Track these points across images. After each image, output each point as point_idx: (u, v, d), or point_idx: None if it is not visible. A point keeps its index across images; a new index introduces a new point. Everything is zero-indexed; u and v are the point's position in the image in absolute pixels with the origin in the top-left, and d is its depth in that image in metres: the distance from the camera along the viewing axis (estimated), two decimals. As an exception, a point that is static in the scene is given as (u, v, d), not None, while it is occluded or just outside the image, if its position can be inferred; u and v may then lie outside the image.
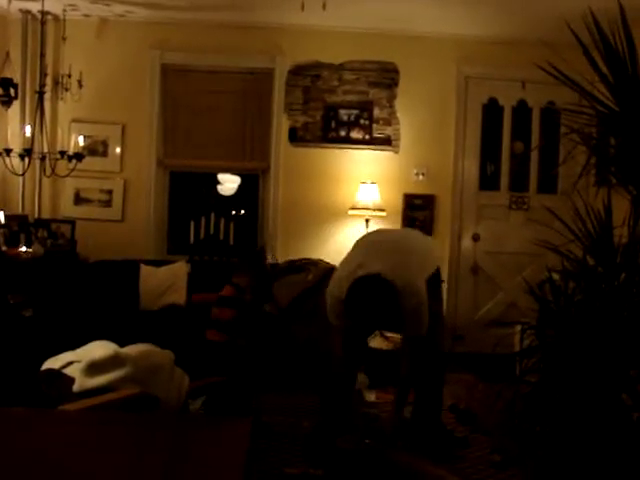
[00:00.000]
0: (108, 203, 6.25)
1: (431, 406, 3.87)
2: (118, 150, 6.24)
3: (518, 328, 4.64)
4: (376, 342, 5.14)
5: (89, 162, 5.81)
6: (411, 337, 3.76)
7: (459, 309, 6.46)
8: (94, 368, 3.30)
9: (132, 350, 3.56)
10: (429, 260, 3.87)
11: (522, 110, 6.44)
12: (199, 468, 2.04)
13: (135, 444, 2.29)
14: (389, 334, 5.16)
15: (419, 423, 3.87)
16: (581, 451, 2.20)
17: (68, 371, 3.39)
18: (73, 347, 3.85)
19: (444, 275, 6.19)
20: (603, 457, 2.14)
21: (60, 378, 3.31)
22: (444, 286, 6.12)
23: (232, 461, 2.07)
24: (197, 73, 6.32)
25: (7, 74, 5.75)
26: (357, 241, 4.01)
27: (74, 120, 6.12)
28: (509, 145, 6.49)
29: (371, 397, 4.91)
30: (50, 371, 3.42)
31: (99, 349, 3.54)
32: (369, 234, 4.30)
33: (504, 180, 6.50)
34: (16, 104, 5.90)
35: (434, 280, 3.83)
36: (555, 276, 3.22)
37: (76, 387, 3.26)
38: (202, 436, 2.33)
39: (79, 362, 3.38)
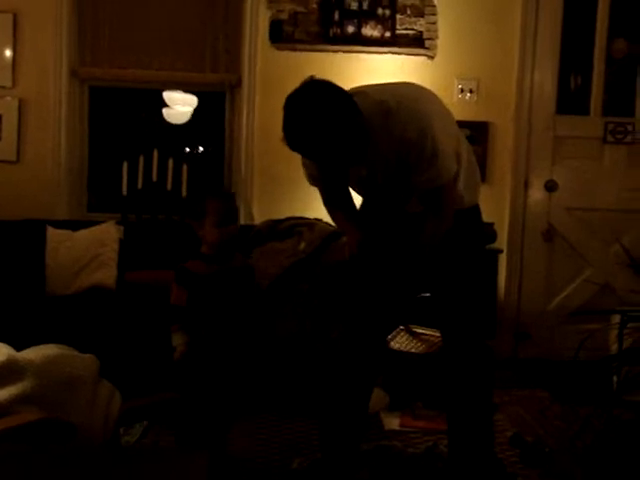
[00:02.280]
0: (-5, 134, 6.24)
1: (476, 435, 3.87)
2: (8, 53, 6.20)
3: (616, 320, 4.67)
4: (400, 342, 5.15)
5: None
6: (445, 320, 3.80)
7: (524, 294, 6.47)
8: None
9: (34, 355, 3.55)
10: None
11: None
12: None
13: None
14: (420, 329, 5.18)
15: (461, 461, 3.88)
16: None
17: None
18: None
19: (501, 243, 6.22)
20: None
21: None
22: (501, 258, 6.17)
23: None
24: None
25: None
26: None
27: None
28: (604, 45, 6.43)
29: (393, 424, 4.94)
30: None
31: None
32: None
33: (596, 99, 6.46)
34: None
35: (472, 225, 3.87)
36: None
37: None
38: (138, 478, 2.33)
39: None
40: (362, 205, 3.93)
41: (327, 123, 3.18)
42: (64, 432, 3.13)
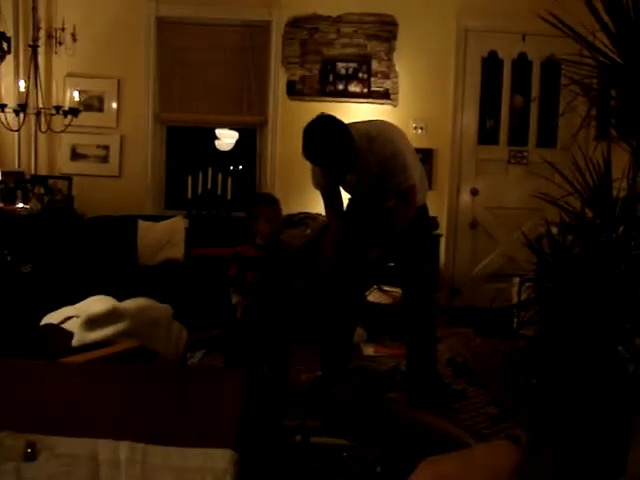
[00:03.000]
0: (105, 159, 6.21)
1: (424, 358, 3.89)
2: (114, 105, 6.18)
3: (516, 281, 4.67)
4: (374, 296, 5.15)
5: (85, 117, 5.78)
6: (404, 280, 3.81)
7: (457, 264, 6.46)
8: (93, 322, 3.31)
9: (130, 304, 3.56)
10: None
11: (522, 63, 6.37)
12: (194, 419, 2.05)
13: (133, 395, 2.31)
14: (387, 288, 5.18)
15: (414, 375, 3.89)
16: (576, 403, 2.21)
17: (67, 326, 3.40)
18: (72, 302, 3.85)
19: (442, 230, 6.22)
20: (598, 409, 2.15)
21: (58, 332, 3.32)
22: (442, 240, 6.16)
23: (227, 412, 2.09)
24: (193, 26, 6.23)
25: (-1, 28, 5.68)
26: None
27: (69, 75, 6.05)
28: (509, 99, 6.42)
29: (369, 351, 4.94)
30: (49, 325, 3.42)
31: (98, 304, 3.54)
32: None
33: (503, 134, 6.45)
34: (9, 58, 5.83)
35: (423, 218, 3.87)
36: (554, 230, 3.20)
37: (75, 341, 3.27)
38: (197, 388, 2.34)
39: (78, 317, 3.38)
40: (349, 203, 3.95)
41: (331, 144, 3.37)
42: (149, 356, 3.15)
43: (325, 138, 3.37)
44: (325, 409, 3.49)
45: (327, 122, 3.45)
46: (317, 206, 5.77)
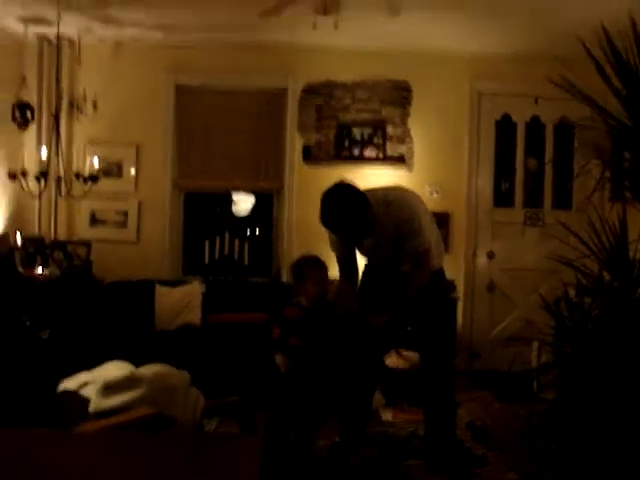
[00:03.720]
0: (123, 224, 6.28)
1: (443, 423, 3.84)
2: (133, 171, 6.27)
3: (535, 345, 4.64)
4: (392, 361, 5.12)
5: (104, 183, 5.86)
6: (422, 345, 3.79)
7: (475, 327, 6.42)
8: (110, 389, 3.30)
9: (148, 371, 3.55)
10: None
11: (535, 126, 6.44)
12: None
13: (148, 464, 2.29)
14: (405, 352, 5.14)
15: (432, 441, 3.84)
16: (599, 468, 2.18)
17: (84, 392, 3.39)
18: (90, 367, 3.85)
19: (459, 293, 6.19)
20: (622, 472, 2.11)
21: (75, 398, 3.31)
22: (459, 303, 6.14)
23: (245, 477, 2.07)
24: (211, 94, 6.36)
25: (24, 97, 5.84)
26: None
27: (89, 142, 6.17)
28: (523, 161, 6.48)
29: (387, 416, 4.89)
30: (65, 392, 3.42)
31: (115, 369, 3.54)
32: None
33: (518, 196, 6.48)
34: (32, 127, 5.99)
35: (439, 281, 3.87)
36: (571, 292, 3.20)
37: (92, 408, 3.26)
38: (214, 455, 2.32)
39: (94, 383, 3.38)
40: (366, 267, 3.96)
41: (348, 212, 3.43)
42: (167, 423, 3.13)
43: (342, 206, 3.41)
44: (343, 477, 3.45)
45: (344, 190, 3.49)
46: (335, 271, 5.81)
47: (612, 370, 2.64)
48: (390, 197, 3.63)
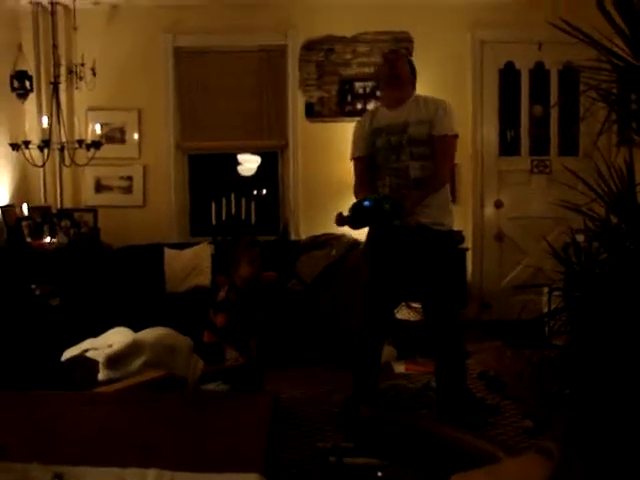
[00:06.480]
0: (129, 189, 6.27)
1: (453, 373, 3.82)
2: (136, 136, 6.24)
3: (545, 291, 4.62)
4: (403, 313, 5.12)
5: (107, 150, 5.85)
6: (427, 296, 3.75)
7: (485, 277, 6.41)
8: (114, 361, 3.34)
9: (149, 335, 3.59)
10: None
11: (539, 72, 6.33)
12: (221, 444, 2.05)
13: (160, 422, 2.31)
14: (415, 304, 5.14)
15: (445, 391, 3.84)
16: (609, 413, 2.18)
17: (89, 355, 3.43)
18: (101, 333, 3.89)
19: (468, 243, 6.17)
20: (633, 416, 2.11)
21: (85, 364, 3.34)
22: (468, 254, 6.12)
23: (254, 436, 2.08)
24: (210, 54, 6.28)
25: (21, 67, 5.79)
26: None
27: (90, 108, 6.13)
28: (528, 109, 6.39)
29: (400, 369, 4.91)
30: (76, 358, 3.45)
31: (117, 337, 3.58)
32: None
33: (524, 145, 6.41)
34: (32, 96, 5.95)
35: (448, 238, 3.82)
36: (579, 237, 3.17)
37: (101, 377, 3.30)
38: (225, 413, 2.34)
39: (96, 350, 3.42)
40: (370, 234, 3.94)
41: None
42: (179, 383, 3.16)
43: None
44: (356, 429, 3.46)
45: None
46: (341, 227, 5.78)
47: (621, 311, 2.63)
48: (422, 95, 3.93)
